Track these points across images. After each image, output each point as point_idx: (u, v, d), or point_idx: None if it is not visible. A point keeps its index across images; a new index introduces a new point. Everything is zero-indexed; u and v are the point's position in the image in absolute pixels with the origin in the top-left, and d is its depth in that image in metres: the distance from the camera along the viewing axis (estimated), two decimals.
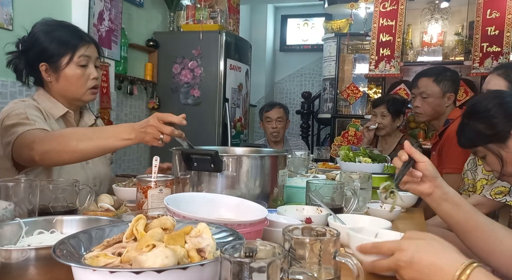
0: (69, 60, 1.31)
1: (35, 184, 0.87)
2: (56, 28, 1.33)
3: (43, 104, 1.33)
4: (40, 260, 0.58)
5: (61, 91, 1.34)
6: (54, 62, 1.31)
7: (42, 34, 1.31)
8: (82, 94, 1.35)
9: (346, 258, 0.51)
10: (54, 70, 1.32)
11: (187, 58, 3.49)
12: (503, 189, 1.41)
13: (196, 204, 0.82)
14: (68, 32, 1.34)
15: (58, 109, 1.35)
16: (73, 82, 1.32)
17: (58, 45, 1.30)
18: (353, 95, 4.05)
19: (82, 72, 1.33)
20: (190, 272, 0.47)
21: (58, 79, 1.32)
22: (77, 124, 1.43)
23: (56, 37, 1.31)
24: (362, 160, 1.85)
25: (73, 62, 1.31)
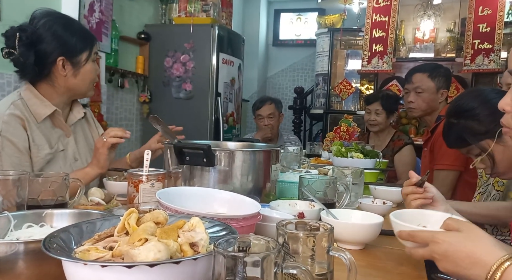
0: (88, 56, 1.33)
1: (24, 177, 0.85)
2: (71, 22, 1.34)
3: (30, 102, 1.29)
4: (29, 254, 0.57)
5: (74, 85, 1.34)
6: (73, 58, 1.31)
7: (60, 27, 1.28)
8: (89, 89, 1.39)
9: (339, 253, 0.51)
10: (74, 64, 1.31)
11: (179, 52, 3.46)
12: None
13: (188, 198, 0.81)
14: (81, 30, 1.36)
15: (45, 108, 1.31)
16: (90, 78, 1.36)
17: (80, 39, 1.31)
18: (346, 91, 4.07)
19: (96, 68, 1.37)
20: (183, 266, 0.47)
21: (77, 74, 1.32)
22: (66, 119, 1.41)
23: (77, 31, 1.32)
24: (354, 156, 1.86)
25: (91, 58, 1.34)
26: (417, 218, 0.79)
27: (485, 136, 1.14)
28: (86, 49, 1.32)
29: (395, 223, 0.73)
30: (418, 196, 0.93)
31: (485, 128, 1.13)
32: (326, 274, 0.52)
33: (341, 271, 0.55)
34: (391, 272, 0.73)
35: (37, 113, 1.30)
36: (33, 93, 1.31)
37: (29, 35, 1.25)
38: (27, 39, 1.24)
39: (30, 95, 1.31)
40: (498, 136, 1.09)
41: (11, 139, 1.21)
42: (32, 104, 1.30)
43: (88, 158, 1.44)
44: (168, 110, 3.46)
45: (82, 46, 1.31)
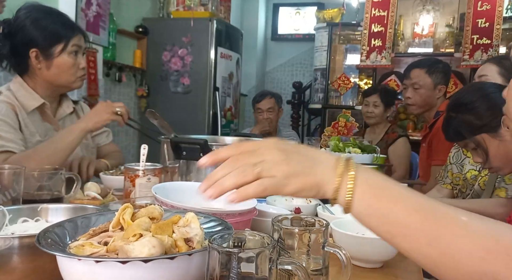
0: (62, 49, 1.30)
1: (19, 171, 0.85)
2: (45, 16, 1.31)
3: (19, 94, 1.30)
4: (24, 249, 0.57)
5: (50, 78, 1.32)
6: (46, 50, 1.29)
7: (30, 22, 1.28)
8: (71, 82, 1.36)
9: (334, 249, 0.51)
10: (46, 57, 1.30)
11: (177, 46, 3.44)
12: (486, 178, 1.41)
13: (184, 193, 0.81)
14: (58, 21, 1.32)
15: (33, 100, 1.31)
16: (64, 70, 1.32)
17: (51, 34, 1.29)
18: (344, 85, 4.06)
19: (73, 61, 1.33)
20: (178, 262, 0.47)
21: (50, 66, 1.31)
22: (55, 114, 1.41)
23: (47, 26, 1.29)
24: (352, 151, 1.86)
25: (66, 51, 1.31)
26: (356, 227, 0.75)
27: (481, 130, 1.14)
28: (61, 41, 1.29)
29: (334, 231, 0.72)
30: None
31: (482, 122, 1.13)
32: (322, 269, 0.52)
33: (336, 266, 0.55)
34: None
35: (24, 105, 1.30)
36: (22, 85, 1.32)
37: (7, 26, 1.28)
38: (4, 30, 1.28)
39: (19, 87, 1.32)
40: (495, 130, 1.09)
41: (4, 119, 1.22)
42: (20, 95, 1.30)
43: (77, 152, 1.44)
44: (166, 104, 3.45)
45: (56, 38, 1.28)
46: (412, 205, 0.44)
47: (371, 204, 0.45)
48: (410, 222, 0.43)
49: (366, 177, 0.46)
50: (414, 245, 0.43)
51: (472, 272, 0.42)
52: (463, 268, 0.42)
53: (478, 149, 1.18)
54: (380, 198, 0.45)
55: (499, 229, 0.44)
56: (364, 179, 0.46)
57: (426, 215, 0.44)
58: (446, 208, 0.45)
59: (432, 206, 0.44)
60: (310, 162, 0.47)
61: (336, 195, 0.45)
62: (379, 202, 0.44)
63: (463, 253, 0.42)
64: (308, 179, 0.45)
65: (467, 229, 0.43)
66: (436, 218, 0.44)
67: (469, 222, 0.44)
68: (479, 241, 0.42)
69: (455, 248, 0.42)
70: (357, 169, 0.46)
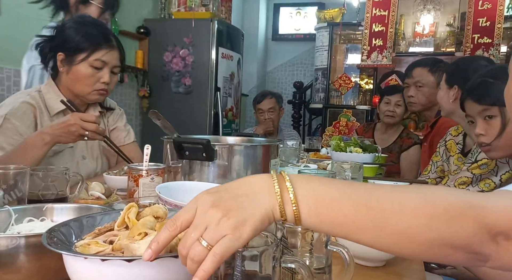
0: (85, 58, 1.31)
1: (24, 171, 0.86)
2: (87, 24, 1.35)
3: (47, 96, 1.34)
4: (30, 248, 0.57)
5: (68, 84, 1.35)
6: (70, 55, 1.31)
7: (72, 24, 1.33)
8: (87, 93, 1.35)
9: (337, 247, 0.51)
10: (68, 62, 1.32)
11: (178, 46, 3.45)
12: (466, 180, 1.42)
13: (188, 192, 0.81)
14: (97, 31, 1.34)
15: (59, 104, 1.32)
16: (81, 80, 1.32)
17: (82, 39, 1.31)
18: (345, 85, 4.07)
19: (92, 73, 1.32)
20: None
21: (69, 72, 1.33)
22: None
23: (83, 31, 1.32)
24: (353, 150, 1.86)
25: (87, 61, 1.31)
26: None
27: None
28: (85, 50, 1.30)
29: None
30: None
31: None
32: (324, 268, 0.52)
33: (339, 264, 0.55)
34: None
35: (51, 107, 1.33)
36: (52, 87, 1.36)
37: (56, 28, 1.36)
38: (52, 33, 1.35)
39: (49, 89, 1.35)
40: None
41: (13, 122, 1.23)
42: (48, 97, 1.34)
43: (98, 156, 1.46)
44: (167, 104, 3.46)
45: (83, 47, 1.30)
46: (355, 200, 0.45)
47: (318, 212, 0.45)
48: (360, 217, 0.45)
49: (304, 184, 0.46)
50: (369, 235, 0.45)
51: (425, 242, 0.44)
52: (416, 240, 0.44)
53: (494, 120, 1.17)
54: (323, 203, 0.45)
55: (433, 193, 0.46)
56: (302, 187, 0.46)
57: (370, 204, 0.45)
58: (384, 190, 0.47)
59: (373, 193, 0.46)
60: (248, 199, 0.45)
61: (283, 213, 0.45)
62: (324, 208, 0.45)
63: (411, 227, 0.44)
64: (257, 218, 0.44)
65: (406, 204, 0.45)
66: (379, 203, 0.45)
67: (406, 196, 0.45)
68: (419, 210, 0.44)
69: (403, 225, 0.44)
70: (291, 180, 0.46)
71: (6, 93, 2.28)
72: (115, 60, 1.37)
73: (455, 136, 1.67)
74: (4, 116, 1.22)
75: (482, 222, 0.44)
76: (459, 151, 1.61)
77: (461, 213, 0.44)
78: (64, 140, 1.16)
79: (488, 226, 0.44)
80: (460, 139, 1.64)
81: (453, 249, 0.44)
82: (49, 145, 1.14)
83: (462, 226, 0.43)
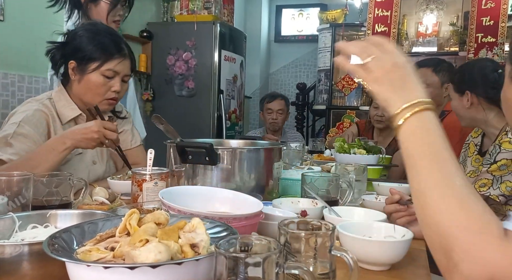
0: (97, 68, 1.31)
1: (28, 178, 0.86)
2: (100, 33, 1.35)
3: (59, 104, 1.34)
4: (33, 255, 0.57)
5: (79, 92, 1.35)
6: (83, 64, 1.31)
7: (84, 33, 1.33)
8: (97, 102, 1.35)
9: (341, 252, 0.51)
10: (80, 71, 1.32)
11: (181, 49, 3.46)
12: (486, 182, 1.41)
13: (191, 197, 0.81)
14: (110, 40, 1.34)
15: (72, 111, 1.35)
16: (92, 89, 1.33)
17: (94, 49, 1.31)
18: (348, 86, 4.06)
19: (104, 82, 1.33)
20: (185, 267, 0.47)
21: (81, 81, 1.33)
22: None
23: (96, 41, 1.32)
24: (357, 152, 1.85)
25: (99, 70, 1.31)
26: (363, 229, 0.76)
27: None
28: (98, 60, 1.30)
29: (341, 234, 0.71)
30: (403, 214, 0.92)
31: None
32: (329, 273, 0.52)
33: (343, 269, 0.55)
34: None
35: (62, 114, 1.33)
36: (63, 95, 1.36)
37: (66, 37, 1.36)
38: (64, 40, 1.35)
39: (60, 96, 1.36)
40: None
41: (27, 129, 1.23)
42: (60, 105, 1.34)
43: (109, 161, 1.47)
44: (171, 108, 3.47)
45: (95, 56, 1.30)
46: (437, 162, 0.54)
47: (415, 133, 0.56)
48: (428, 175, 0.54)
49: (423, 123, 0.57)
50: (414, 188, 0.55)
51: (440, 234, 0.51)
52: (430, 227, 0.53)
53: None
54: (418, 146, 0.55)
55: (489, 214, 0.51)
56: (420, 122, 0.57)
57: (443, 174, 0.53)
58: (464, 181, 0.53)
59: (453, 172, 0.53)
60: (399, 85, 0.60)
61: (393, 119, 0.59)
62: (421, 137, 0.56)
63: (444, 215, 0.51)
64: (386, 94, 0.61)
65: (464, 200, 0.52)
66: (450, 181, 0.53)
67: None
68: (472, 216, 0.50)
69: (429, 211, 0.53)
70: (418, 114, 0.57)
71: (11, 99, 2.29)
72: (127, 69, 1.38)
73: (474, 138, 1.66)
74: (19, 123, 1.23)
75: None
76: (477, 152, 1.60)
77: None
78: (83, 146, 1.16)
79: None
80: (479, 140, 1.62)
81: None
82: (69, 150, 1.14)
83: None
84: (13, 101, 2.29)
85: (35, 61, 2.30)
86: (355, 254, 0.52)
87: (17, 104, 1.93)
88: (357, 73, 0.66)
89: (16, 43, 2.28)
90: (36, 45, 2.24)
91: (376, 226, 0.77)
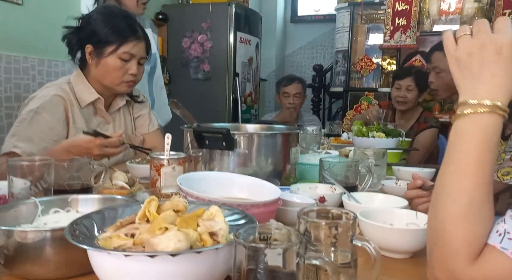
0: (113, 51, 1.32)
1: (50, 162, 0.87)
2: (114, 15, 1.35)
3: (77, 88, 1.36)
4: (56, 241, 0.58)
5: (97, 76, 1.36)
6: (99, 48, 1.32)
7: (99, 16, 1.34)
8: (116, 85, 1.37)
9: (363, 242, 0.50)
10: (97, 55, 1.33)
11: (196, 32, 3.42)
12: (510, 170, 1.35)
13: (209, 183, 0.81)
14: (125, 23, 1.34)
15: (90, 95, 1.36)
16: (110, 72, 1.34)
17: (110, 32, 1.31)
18: (367, 67, 3.96)
19: (121, 65, 1.34)
20: (205, 256, 0.47)
21: (98, 64, 1.34)
22: (108, 107, 1.44)
23: (110, 24, 1.32)
24: (376, 135, 1.82)
25: (116, 54, 1.32)
26: (384, 216, 0.75)
27: None
28: (114, 43, 1.31)
29: (361, 221, 0.70)
30: (425, 200, 0.89)
31: None
32: (350, 262, 0.51)
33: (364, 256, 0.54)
34: None
35: (81, 99, 1.35)
36: (81, 79, 1.37)
37: (81, 19, 1.36)
38: (79, 23, 1.36)
39: (78, 81, 1.37)
40: None
41: (44, 116, 1.25)
42: (78, 89, 1.36)
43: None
44: (186, 91, 3.46)
45: (111, 39, 1.31)
46: (471, 172, 0.52)
47: (457, 141, 0.54)
48: (454, 179, 0.53)
49: (481, 127, 0.53)
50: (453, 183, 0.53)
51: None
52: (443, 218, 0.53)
53: None
54: (468, 144, 0.53)
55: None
56: (478, 125, 0.53)
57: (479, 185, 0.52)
58: (485, 197, 0.52)
59: (480, 185, 0.52)
60: (476, 73, 0.54)
61: (456, 106, 0.56)
62: (465, 144, 0.53)
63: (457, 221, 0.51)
64: (458, 79, 0.57)
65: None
66: (473, 192, 0.51)
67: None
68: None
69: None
70: (479, 116, 0.53)
71: (32, 82, 2.33)
72: (142, 52, 1.38)
73: None
74: (36, 109, 1.25)
75: None
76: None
77: None
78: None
79: None
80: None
81: None
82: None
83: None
84: (34, 85, 2.32)
85: (54, 45, 2.31)
86: (375, 242, 0.51)
87: (38, 88, 1.96)
88: (445, 47, 0.58)
89: (35, 27, 2.30)
90: (54, 29, 2.24)
91: (398, 213, 0.76)
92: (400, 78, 2.35)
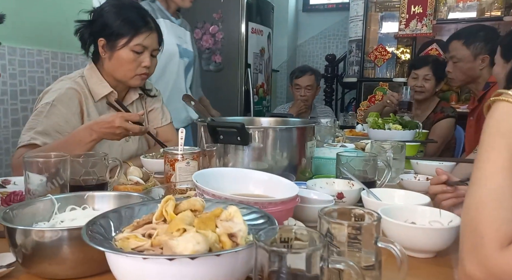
0: (126, 43, 1.31)
1: (65, 158, 0.87)
2: (126, 7, 1.34)
3: (91, 81, 1.36)
4: (73, 239, 0.58)
5: (110, 70, 1.36)
6: (112, 40, 1.31)
7: (111, 9, 1.33)
8: (129, 78, 1.36)
9: (388, 244, 0.48)
10: (110, 48, 1.33)
11: (208, 23, 3.39)
12: None
13: (224, 179, 0.80)
14: (136, 14, 1.33)
15: (103, 88, 1.36)
16: (123, 65, 1.33)
17: (122, 24, 1.31)
18: (381, 57, 3.88)
19: (134, 58, 1.33)
20: (224, 259, 0.46)
21: (111, 58, 1.34)
22: (122, 100, 1.44)
23: (122, 16, 1.31)
24: (392, 127, 1.78)
25: (129, 46, 1.31)
26: (406, 214, 0.72)
27: None
28: (126, 35, 1.30)
29: (382, 219, 0.66)
30: (449, 196, 0.85)
31: None
32: (374, 264, 0.49)
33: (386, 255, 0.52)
34: None
35: (95, 92, 1.35)
36: (94, 72, 1.37)
37: (93, 12, 1.35)
38: (91, 16, 1.35)
39: (92, 74, 1.37)
40: None
41: (60, 108, 1.26)
42: (92, 83, 1.36)
43: (141, 138, 1.49)
44: (198, 83, 3.44)
45: (123, 32, 1.30)
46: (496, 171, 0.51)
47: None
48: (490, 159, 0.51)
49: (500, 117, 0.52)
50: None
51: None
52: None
53: None
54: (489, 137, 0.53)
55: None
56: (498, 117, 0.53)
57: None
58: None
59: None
60: None
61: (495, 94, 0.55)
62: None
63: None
64: None
65: None
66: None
67: None
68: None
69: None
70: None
71: (46, 75, 2.34)
72: (155, 43, 1.37)
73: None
74: (52, 102, 1.25)
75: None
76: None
77: None
78: (109, 138, 1.18)
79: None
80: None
81: None
82: (95, 142, 1.16)
83: None
84: (48, 78, 2.33)
85: (67, 38, 2.31)
86: (397, 241, 0.49)
87: (52, 81, 1.96)
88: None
89: (49, 20, 2.30)
90: (67, 22, 2.25)
91: (420, 210, 0.73)
92: (417, 67, 2.30)
